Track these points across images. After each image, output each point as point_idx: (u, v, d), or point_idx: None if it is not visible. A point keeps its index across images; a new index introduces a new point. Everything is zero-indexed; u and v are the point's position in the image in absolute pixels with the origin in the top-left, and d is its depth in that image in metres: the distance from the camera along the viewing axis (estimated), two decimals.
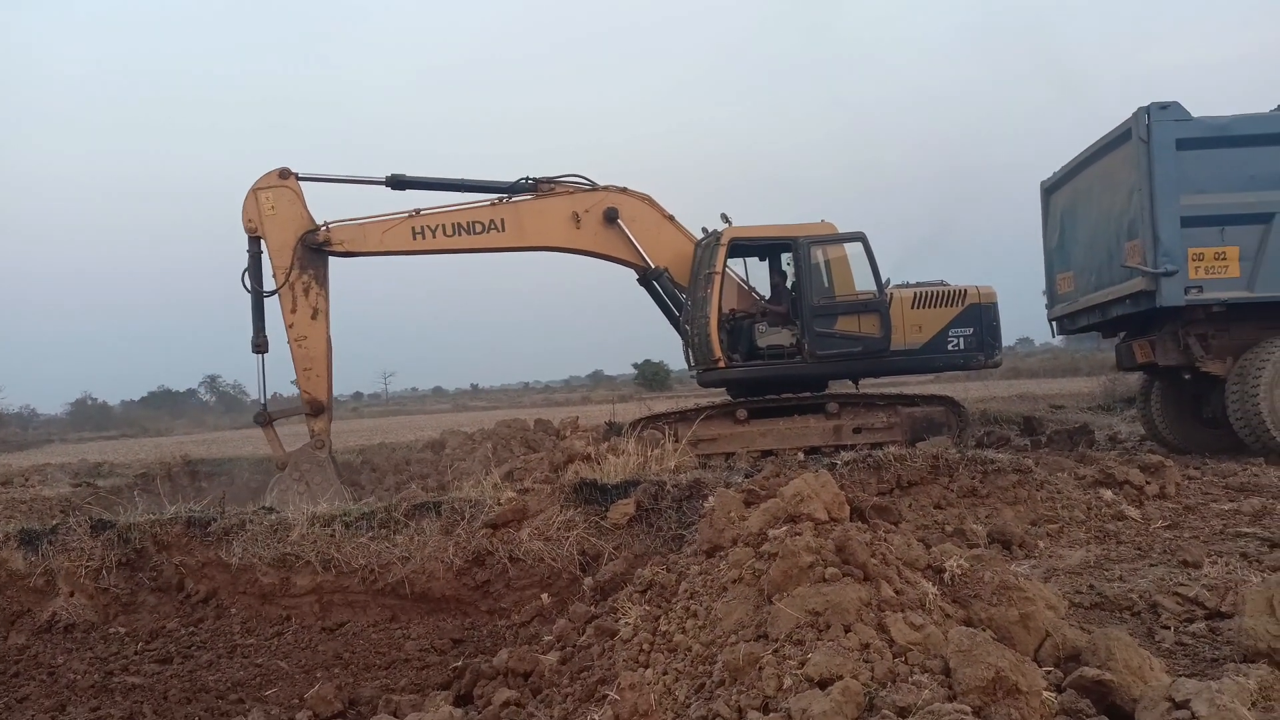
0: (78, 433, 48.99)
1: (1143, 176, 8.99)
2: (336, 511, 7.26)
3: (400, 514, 7.04)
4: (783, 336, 12.11)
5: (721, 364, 11.85)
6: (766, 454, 11.48)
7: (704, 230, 12.60)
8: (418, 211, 11.69)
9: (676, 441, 10.02)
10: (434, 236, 11.66)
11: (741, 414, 12.10)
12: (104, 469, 16.38)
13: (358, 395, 79.90)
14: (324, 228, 11.42)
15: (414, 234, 11.64)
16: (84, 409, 64.58)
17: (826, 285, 11.99)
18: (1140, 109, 9.03)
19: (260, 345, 11.45)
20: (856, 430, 11.91)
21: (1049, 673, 2.92)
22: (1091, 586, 4.73)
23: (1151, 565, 5.14)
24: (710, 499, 4.68)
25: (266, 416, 11.54)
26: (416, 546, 6.74)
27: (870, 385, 13.84)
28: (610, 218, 12.10)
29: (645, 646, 3.76)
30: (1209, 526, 6.04)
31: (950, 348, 11.99)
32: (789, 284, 12.64)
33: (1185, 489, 7.22)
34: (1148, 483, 7.05)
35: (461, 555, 6.62)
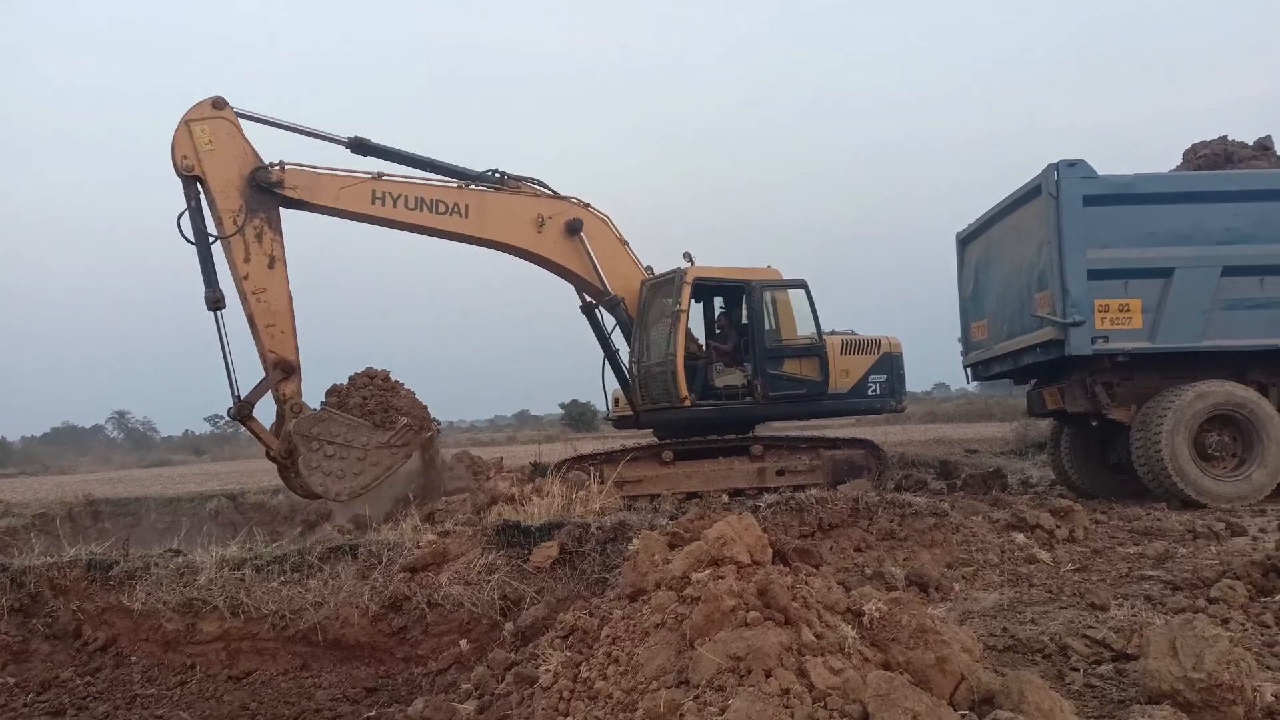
0: None
1: (1052, 230, 9.38)
2: (247, 555, 7.01)
3: (315, 557, 6.84)
4: (736, 377, 12.31)
5: (688, 403, 11.87)
6: (691, 496, 11.51)
7: (649, 270, 12.63)
8: (380, 175, 10.97)
9: (602, 483, 9.99)
10: (394, 206, 10.92)
11: (667, 455, 12.14)
12: None
13: None
14: (277, 166, 10.38)
15: (374, 197, 10.85)
16: None
17: (774, 329, 12.32)
18: (1050, 166, 9.44)
19: (218, 300, 9.97)
20: (780, 472, 12.06)
21: (964, 716, 2.95)
22: (1005, 629, 4.82)
23: (1062, 608, 5.27)
24: (634, 542, 4.65)
25: (247, 407, 10.03)
26: (331, 591, 6.55)
27: (789, 429, 14.10)
28: (573, 229, 11.89)
29: (566, 694, 3.70)
30: (1115, 570, 6.23)
31: (870, 393, 12.55)
32: (734, 326, 12.83)
33: (1093, 533, 7.45)
34: (1058, 526, 7.26)
35: (377, 600, 6.44)
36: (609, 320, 12.55)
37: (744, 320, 12.70)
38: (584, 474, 11.24)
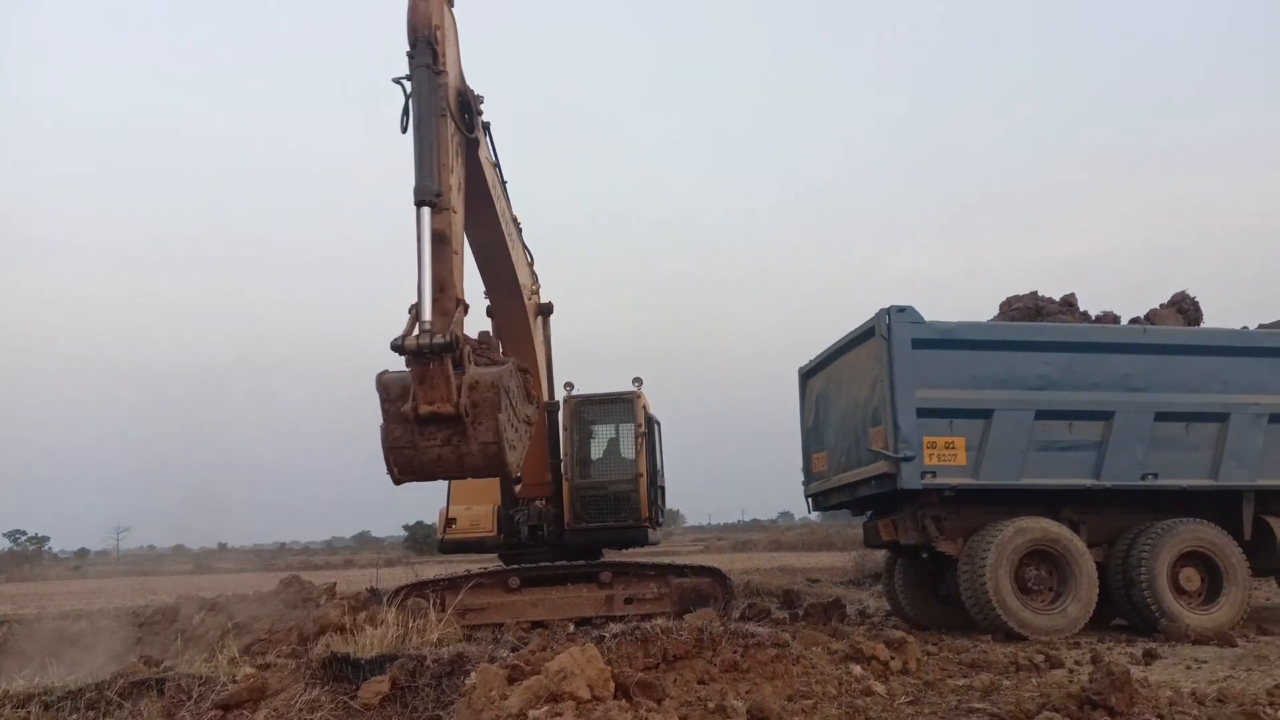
0: None
1: (884, 369, 9.97)
2: (35, 689, 6.29)
3: (114, 692, 6.20)
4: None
5: (649, 521, 12.14)
6: (537, 625, 11.18)
7: (568, 386, 12.61)
8: (495, 165, 9.55)
9: (442, 611, 9.58)
10: (498, 201, 9.49)
11: (514, 582, 11.83)
12: None
13: (83, 552, 71.31)
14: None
15: (491, 184, 9.27)
16: None
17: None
18: (882, 310, 10.11)
19: (438, 195, 7.23)
20: (628, 600, 11.94)
21: None
22: None
23: None
24: (472, 676, 4.47)
25: (455, 338, 6.84)
26: None
27: (636, 555, 14.18)
28: (540, 311, 11.47)
29: None
30: (946, 702, 6.40)
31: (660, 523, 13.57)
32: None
33: (925, 664, 7.66)
34: (892, 658, 7.44)
35: None
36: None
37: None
38: (424, 601, 10.77)
